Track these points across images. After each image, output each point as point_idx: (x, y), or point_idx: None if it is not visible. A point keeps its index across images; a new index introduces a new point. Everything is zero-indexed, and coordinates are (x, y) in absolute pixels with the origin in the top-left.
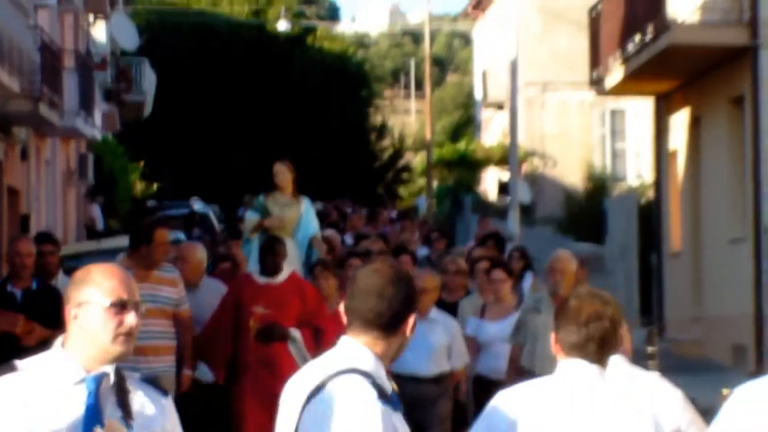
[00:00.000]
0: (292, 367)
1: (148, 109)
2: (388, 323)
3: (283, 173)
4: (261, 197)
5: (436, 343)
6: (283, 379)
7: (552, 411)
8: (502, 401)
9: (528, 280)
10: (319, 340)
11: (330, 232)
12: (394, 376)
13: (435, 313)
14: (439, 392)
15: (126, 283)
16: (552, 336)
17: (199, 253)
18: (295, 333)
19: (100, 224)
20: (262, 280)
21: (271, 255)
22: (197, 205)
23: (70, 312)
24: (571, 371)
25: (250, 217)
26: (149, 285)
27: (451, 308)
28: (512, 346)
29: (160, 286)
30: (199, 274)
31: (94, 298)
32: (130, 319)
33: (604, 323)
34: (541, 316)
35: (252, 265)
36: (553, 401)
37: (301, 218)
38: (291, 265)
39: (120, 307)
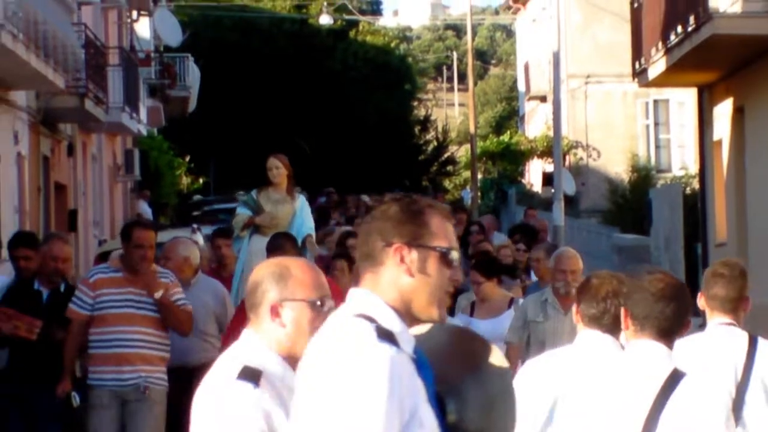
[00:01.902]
0: None
1: (192, 104)
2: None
3: (277, 168)
4: (253, 192)
5: None
6: None
7: (572, 376)
8: (528, 371)
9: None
10: None
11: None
12: None
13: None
14: None
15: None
16: (574, 313)
17: (184, 250)
18: None
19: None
20: None
21: (280, 253)
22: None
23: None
24: (589, 340)
25: (241, 214)
26: (138, 290)
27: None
28: (511, 346)
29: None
30: (187, 272)
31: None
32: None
33: (620, 300)
34: (548, 322)
35: (240, 265)
36: (572, 367)
37: (295, 216)
38: None
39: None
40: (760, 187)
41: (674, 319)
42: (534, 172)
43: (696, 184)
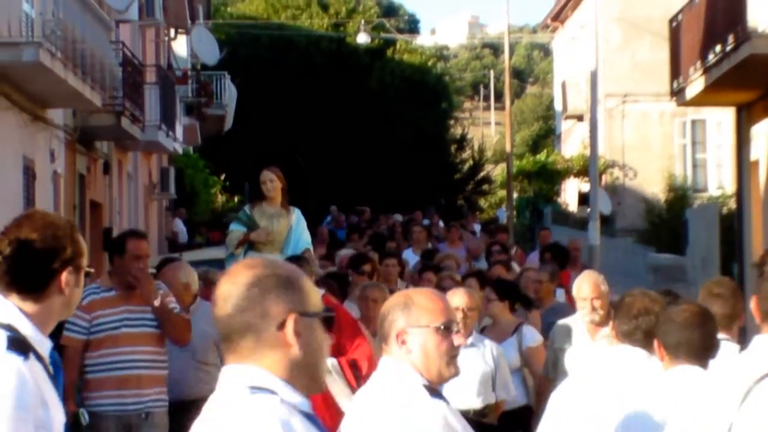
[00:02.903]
0: (332, 406)
1: (228, 123)
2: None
3: (272, 181)
4: (246, 208)
5: (481, 373)
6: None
7: (605, 387)
8: (561, 393)
9: (562, 297)
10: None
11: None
12: None
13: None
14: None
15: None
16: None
17: (185, 276)
18: (331, 362)
19: (183, 237)
20: None
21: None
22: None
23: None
24: (622, 354)
25: (234, 230)
26: (134, 307)
27: None
28: (543, 379)
29: (147, 306)
30: (186, 298)
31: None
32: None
33: (651, 317)
34: (574, 350)
35: None
36: (605, 379)
37: (291, 231)
38: None
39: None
40: None
41: (702, 343)
42: (570, 192)
43: (733, 204)
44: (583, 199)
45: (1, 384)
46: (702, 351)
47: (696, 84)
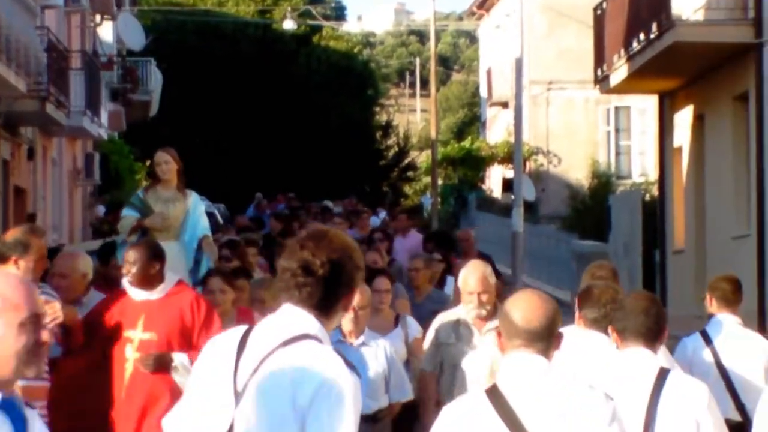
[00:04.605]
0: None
1: (154, 109)
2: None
3: (167, 163)
4: (140, 192)
5: (373, 374)
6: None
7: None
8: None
9: (450, 286)
10: None
11: None
12: None
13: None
14: None
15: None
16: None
17: (84, 266)
18: (181, 358)
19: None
20: (139, 295)
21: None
22: (203, 204)
23: None
24: (590, 340)
25: (127, 216)
26: None
27: None
28: (425, 373)
29: None
30: (81, 289)
31: None
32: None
33: (616, 305)
34: (460, 344)
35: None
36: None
37: (187, 216)
38: (176, 273)
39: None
40: (718, 194)
41: (648, 327)
42: (494, 178)
43: (655, 191)
44: (508, 185)
45: None
46: (648, 334)
47: (620, 71)
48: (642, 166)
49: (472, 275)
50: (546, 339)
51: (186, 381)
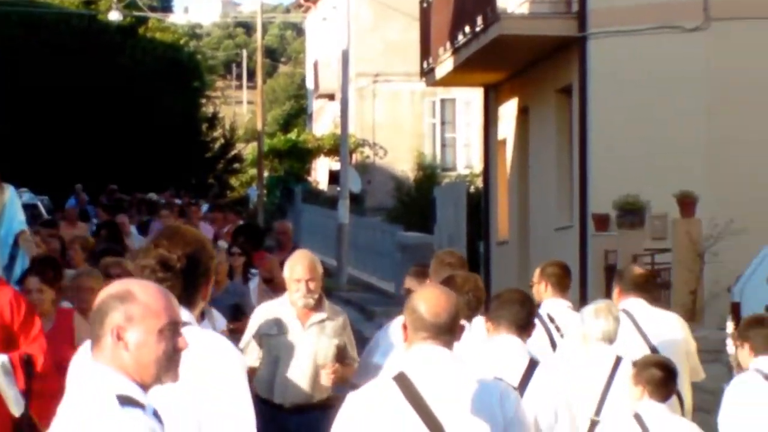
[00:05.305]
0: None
1: None
2: None
3: None
4: None
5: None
6: None
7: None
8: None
9: (255, 280)
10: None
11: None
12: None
13: None
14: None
15: None
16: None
17: None
18: (2, 359)
19: None
20: None
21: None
22: (25, 195)
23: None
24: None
25: None
26: None
27: None
28: None
29: None
30: None
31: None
32: None
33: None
34: (282, 336)
35: None
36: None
37: (3, 210)
38: None
39: None
40: (542, 186)
41: (517, 317)
42: (321, 170)
43: (480, 183)
44: (334, 177)
45: None
46: (522, 325)
47: (446, 64)
48: (467, 159)
49: (299, 263)
50: (450, 332)
51: (5, 382)
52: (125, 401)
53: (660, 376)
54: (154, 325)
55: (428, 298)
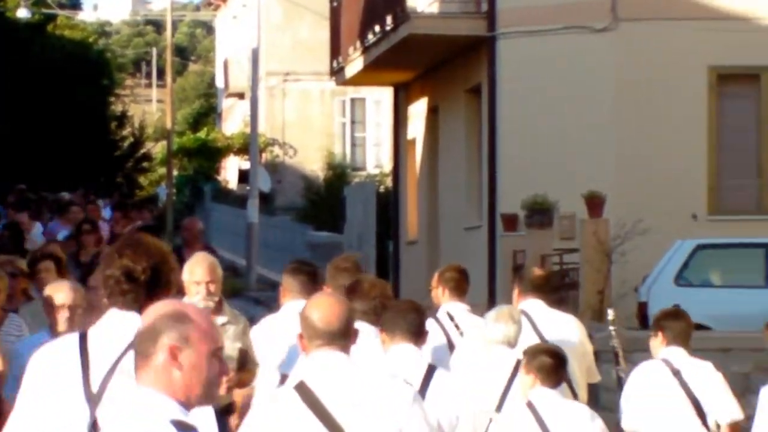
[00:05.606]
0: None
1: None
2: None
3: None
4: None
5: None
6: None
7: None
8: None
9: None
10: None
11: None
12: None
13: None
14: None
15: None
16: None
17: None
18: None
19: None
20: None
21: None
22: None
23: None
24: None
25: None
26: None
27: None
28: None
29: None
30: None
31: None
32: None
33: (384, 300)
34: None
35: None
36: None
37: None
38: None
39: None
40: (451, 186)
41: (410, 327)
42: (230, 169)
43: (390, 183)
44: (243, 176)
45: None
46: (417, 332)
47: (355, 63)
48: (377, 158)
49: (198, 265)
50: (344, 337)
51: None
52: (180, 426)
53: (550, 363)
54: (207, 348)
55: (319, 307)
